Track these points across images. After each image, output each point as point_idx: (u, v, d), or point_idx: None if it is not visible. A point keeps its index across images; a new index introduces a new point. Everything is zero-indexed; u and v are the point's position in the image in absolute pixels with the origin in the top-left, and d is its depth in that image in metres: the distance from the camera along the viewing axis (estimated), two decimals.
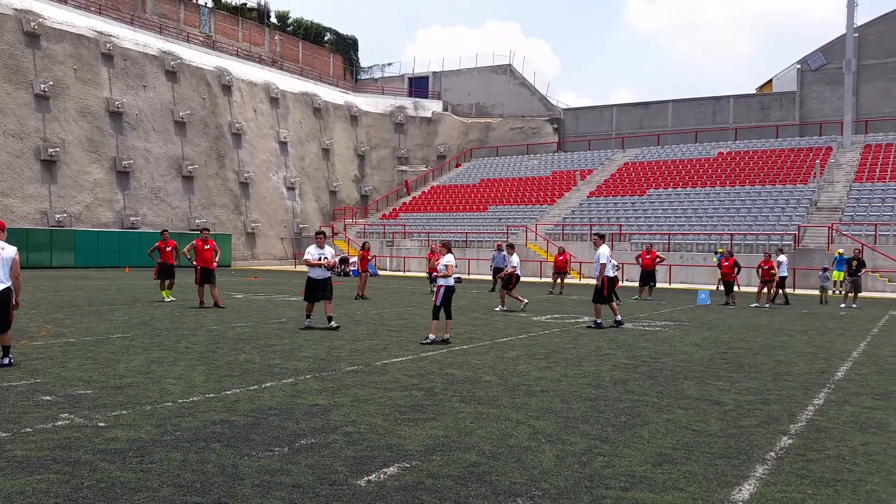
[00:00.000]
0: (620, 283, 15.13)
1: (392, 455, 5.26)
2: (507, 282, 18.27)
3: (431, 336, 11.28)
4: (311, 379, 8.10)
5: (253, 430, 5.84)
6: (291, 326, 13.20)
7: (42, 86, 38.03)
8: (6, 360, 8.50)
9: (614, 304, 14.67)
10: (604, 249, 14.41)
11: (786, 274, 22.35)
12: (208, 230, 18.06)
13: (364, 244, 23.39)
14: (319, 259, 12.95)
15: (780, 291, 22.20)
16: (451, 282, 11.51)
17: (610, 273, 14.53)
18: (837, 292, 25.74)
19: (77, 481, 4.54)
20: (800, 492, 4.68)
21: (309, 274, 13.01)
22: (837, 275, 24.83)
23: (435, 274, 11.86)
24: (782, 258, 22.26)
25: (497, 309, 17.79)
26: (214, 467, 4.89)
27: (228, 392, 7.30)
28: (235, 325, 13.29)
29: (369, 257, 23.00)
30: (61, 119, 39.10)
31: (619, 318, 14.56)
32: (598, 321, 14.26)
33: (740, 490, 4.69)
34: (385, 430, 5.94)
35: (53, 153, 37.87)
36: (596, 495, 4.52)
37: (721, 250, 29.24)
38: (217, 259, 17.31)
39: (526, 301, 18.16)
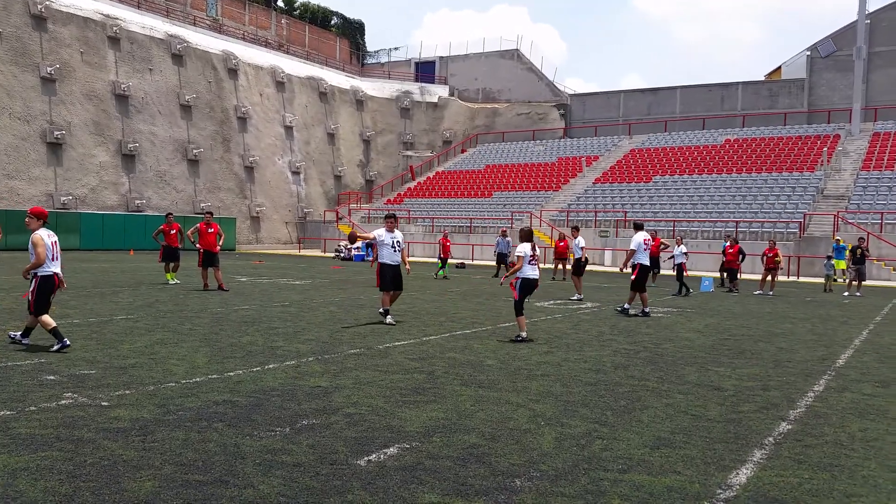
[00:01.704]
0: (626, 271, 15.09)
1: (392, 436, 5.31)
2: (579, 267, 18.19)
3: (523, 333, 10.16)
4: (313, 361, 8.15)
5: (255, 411, 5.90)
6: (295, 310, 13.25)
7: (48, 69, 38.04)
8: (25, 341, 8.64)
9: (645, 294, 14.43)
10: (638, 237, 14.39)
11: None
12: (212, 213, 18.13)
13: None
14: (393, 245, 11.74)
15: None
16: (530, 273, 10.17)
17: (643, 261, 14.46)
18: (840, 280, 25.70)
19: (80, 459, 4.60)
20: (796, 476, 4.71)
21: (381, 260, 11.73)
22: (839, 263, 24.78)
23: (513, 267, 10.38)
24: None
25: (574, 297, 17.24)
26: (216, 446, 4.94)
27: (231, 373, 7.35)
28: (239, 307, 13.35)
29: None
30: (67, 102, 39.13)
31: (647, 309, 14.23)
32: (626, 307, 14.30)
33: (737, 474, 4.71)
34: (386, 412, 5.98)
35: (59, 136, 37.93)
36: (593, 477, 4.56)
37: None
38: (221, 243, 17.38)
39: (580, 296, 17.40)
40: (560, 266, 25.60)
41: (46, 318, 8.33)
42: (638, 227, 15.18)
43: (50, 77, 38.14)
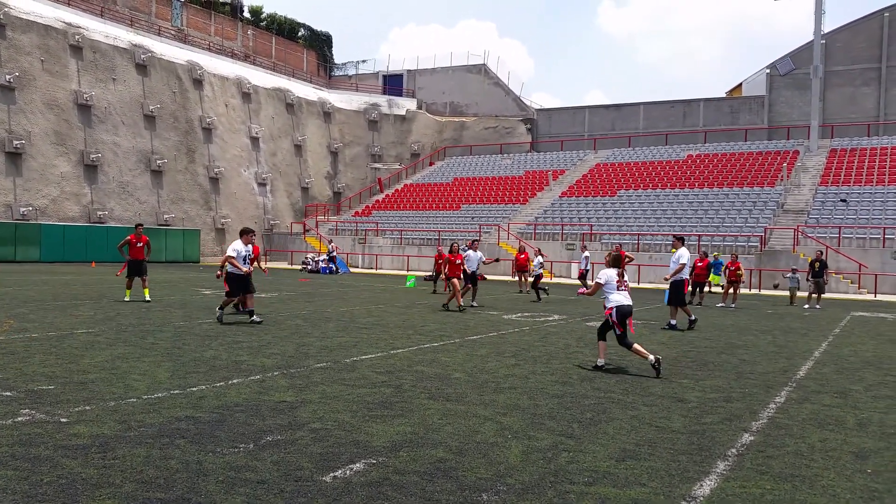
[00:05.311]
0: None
1: (359, 451, 5.26)
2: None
3: (600, 361, 9.25)
4: (278, 376, 8.05)
5: (218, 427, 5.80)
6: (261, 323, 13.09)
7: (7, 76, 37.26)
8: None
9: (688, 307, 14.83)
10: (684, 251, 14.41)
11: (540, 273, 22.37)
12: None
13: (452, 246, 18.96)
14: (245, 258, 13.18)
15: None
16: (623, 300, 9.23)
17: (686, 275, 14.68)
18: (718, 291, 26.48)
19: (36, 477, 4.47)
20: (759, 487, 4.78)
21: (230, 271, 13.13)
22: (715, 278, 24.50)
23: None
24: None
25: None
26: (178, 463, 4.85)
27: (194, 388, 7.23)
28: (203, 321, 13.16)
29: (458, 261, 18.21)
30: (27, 111, 38.34)
31: (693, 318, 14.57)
32: (673, 322, 14.36)
33: (701, 486, 4.77)
34: (352, 427, 5.93)
35: (19, 145, 37.12)
36: (560, 490, 4.57)
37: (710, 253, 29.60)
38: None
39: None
40: (523, 279, 25.65)
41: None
42: (681, 240, 14.88)
43: (9, 85, 37.34)
